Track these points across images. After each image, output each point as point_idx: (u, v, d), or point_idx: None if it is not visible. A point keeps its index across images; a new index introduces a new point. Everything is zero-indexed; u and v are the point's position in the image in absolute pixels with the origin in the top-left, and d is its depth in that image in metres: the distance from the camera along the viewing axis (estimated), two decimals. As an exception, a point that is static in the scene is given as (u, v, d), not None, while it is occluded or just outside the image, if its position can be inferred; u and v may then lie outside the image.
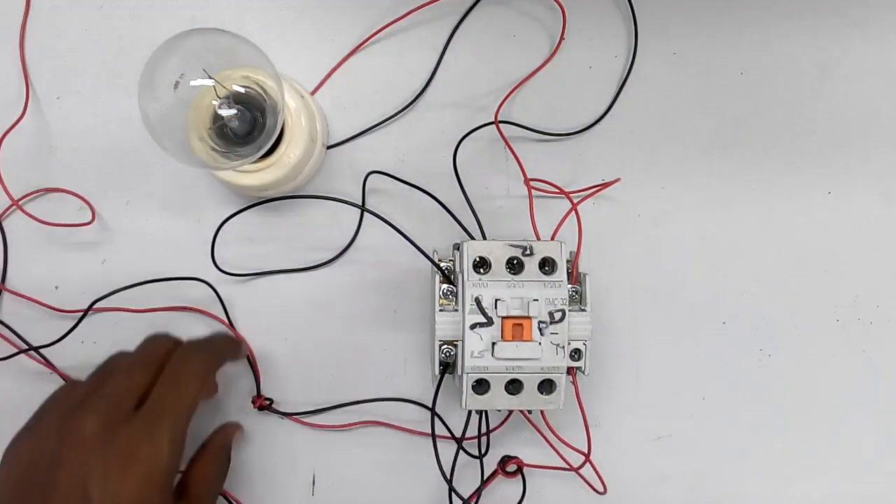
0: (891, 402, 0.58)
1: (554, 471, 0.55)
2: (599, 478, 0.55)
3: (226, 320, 0.57)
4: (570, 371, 0.51)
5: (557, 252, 0.50)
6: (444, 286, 0.50)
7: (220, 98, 0.52)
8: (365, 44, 0.59)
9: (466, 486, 0.55)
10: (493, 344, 0.49)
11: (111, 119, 0.58)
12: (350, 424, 0.57)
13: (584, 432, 0.53)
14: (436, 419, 0.56)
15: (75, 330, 0.56)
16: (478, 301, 0.49)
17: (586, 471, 0.54)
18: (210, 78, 0.50)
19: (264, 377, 0.57)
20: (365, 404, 0.57)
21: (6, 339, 0.57)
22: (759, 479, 0.57)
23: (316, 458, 0.57)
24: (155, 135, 0.50)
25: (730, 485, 0.57)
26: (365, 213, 0.58)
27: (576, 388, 0.52)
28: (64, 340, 0.56)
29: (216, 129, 0.53)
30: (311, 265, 0.58)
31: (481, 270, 0.49)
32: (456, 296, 0.50)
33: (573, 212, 0.52)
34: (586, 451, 0.53)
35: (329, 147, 0.58)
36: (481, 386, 0.50)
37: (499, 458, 0.55)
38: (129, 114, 0.58)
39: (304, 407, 0.57)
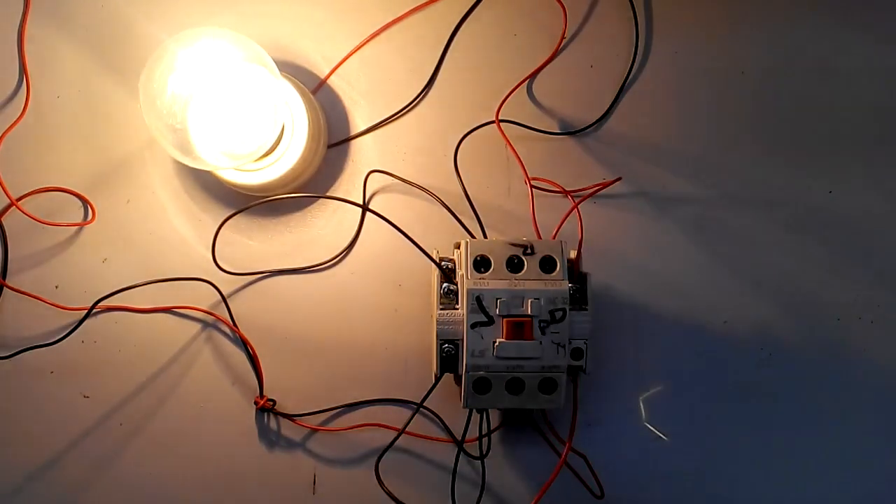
0: (891, 401, 0.57)
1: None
2: (597, 481, 0.55)
3: (229, 320, 0.57)
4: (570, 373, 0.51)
5: (558, 251, 0.50)
6: (445, 285, 0.50)
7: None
8: (366, 43, 0.59)
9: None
10: (494, 343, 0.48)
11: (111, 119, 0.58)
12: (351, 427, 0.57)
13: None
14: (435, 421, 0.56)
15: (76, 330, 0.56)
16: (479, 300, 0.49)
17: (585, 472, 0.54)
18: (211, 77, 0.50)
19: (265, 376, 0.57)
20: (365, 406, 0.57)
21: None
22: (759, 479, 0.57)
23: (316, 458, 0.57)
24: (156, 134, 0.50)
25: (730, 485, 0.57)
26: (366, 213, 0.57)
27: (575, 390, 0.52)
28: (64, 340, 0.56)
29: (217, 128, 0.53)
30: (312, 265, 0.58)
31: (482, 269, 0.49)
32: (457, 295, 0.50)
33: (574, 211, 0.52)
34: (584, 452, 0.53)
35: (329, 146, 0.58)
36: (482, 385, 0.49)
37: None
38: (130, 113, 0.58)
39: (305, 405, 0.57)
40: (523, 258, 0.49)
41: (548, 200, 0.57)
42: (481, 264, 0.49)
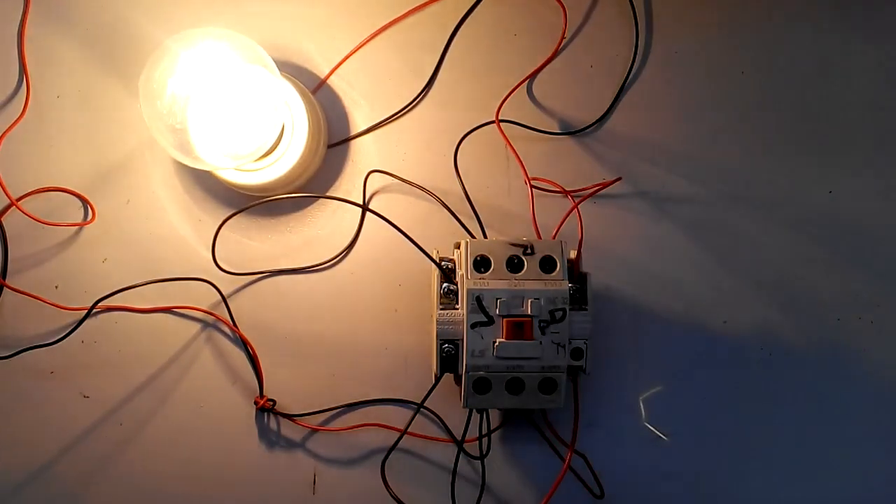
0: (891, 401, 0.57)
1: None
2: (597, 481, 0.55)
3: (229, 320, 0.57)
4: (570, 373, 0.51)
5: (558, 251, 0.50)
6: (445, 285, 0.50)
7: (220, 97, 0.52)
8: (366, 43, 0.59)
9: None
10: (494, 343, 0.48)
11: (111, 119, 0.58)
12: (351, 427, 0.57)
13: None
14: (435, 421, 0.56)
15: (76, 330, 0.56)
16: (478, 300, 0.49)
17: (586, 472, 0.54)
18: (211, 77, 0.50)
19: (265, 376, 0.57)
20: (365, 406, 0.57)
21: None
22: (759, 479, 0.57)
23: (316, 458, 0.57)
24: (156, 134, 0.50)
25: (730, 485, 0.57)
26: (366, 213, 0.57)
27: (575, 390, 0.52)
28: (64, 340, 0.56)
29: (217, 128, 0.53)
30: (312, 265, 0.58)
31: (482, 269, 0.49)
32: (457, 295, 0.50)
33: (574, 211, 0.52)
34: (584, 452, 0.53)
35: (329, 146, 0.58)
36: (482, 385, 0.49)
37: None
38: (130, 113, 0.58)
39: (305, 405, 0.57)
40: (523, 258, 0.49)
41: (548, 200, 0.57)
42: (481, 264, 0.49)
